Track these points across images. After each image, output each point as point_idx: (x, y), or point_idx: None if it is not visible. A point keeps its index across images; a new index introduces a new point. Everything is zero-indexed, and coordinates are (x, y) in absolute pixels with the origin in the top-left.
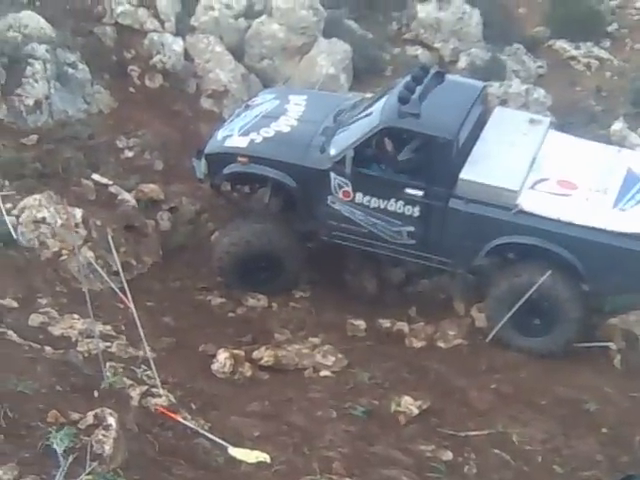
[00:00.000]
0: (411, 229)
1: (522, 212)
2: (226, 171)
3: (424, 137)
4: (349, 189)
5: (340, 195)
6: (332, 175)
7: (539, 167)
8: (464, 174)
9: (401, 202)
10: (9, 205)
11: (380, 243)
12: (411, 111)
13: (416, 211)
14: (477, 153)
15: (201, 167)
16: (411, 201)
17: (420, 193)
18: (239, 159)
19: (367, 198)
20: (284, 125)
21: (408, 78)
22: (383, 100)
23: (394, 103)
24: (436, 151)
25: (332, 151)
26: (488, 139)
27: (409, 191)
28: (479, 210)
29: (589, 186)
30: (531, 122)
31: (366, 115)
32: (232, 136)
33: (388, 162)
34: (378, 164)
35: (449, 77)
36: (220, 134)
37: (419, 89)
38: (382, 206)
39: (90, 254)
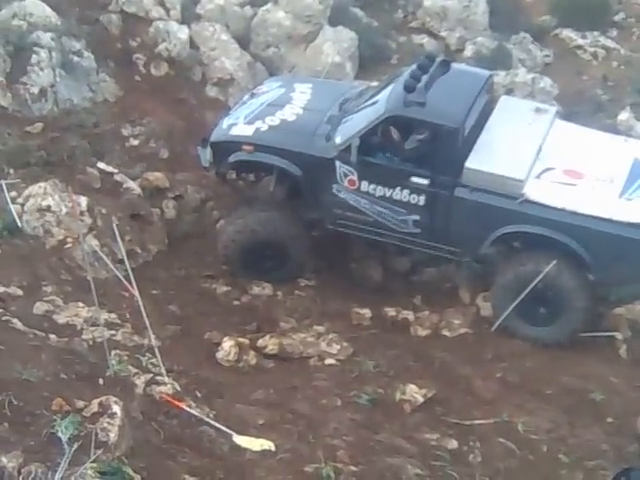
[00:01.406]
0: (417, 218)
1: (528, 201)
2: (231, 159)
3: (430, 126)
4: (354, 177)
5: (345, 183)
6: (337, 163)
7: (545, 156)
8: (470, 163)
9: (407, 191)
10: (14, 193)
11: (386, 232)
12: (417, 100)
13: (422, 200)
14: (483, 142)
15: (206, 155)
16: (417, 190)
17: (426, 182)
18: (244, 147)
19: (372, 186)
20: (290, 113)
21: (414, 67)
22: (389, 89)
23: (400, 92)
24: (442, 140)
25: (338, 139)
26: (494, 128)
27: (415, 180)
28: (485, 199)
29: (595, 176)
30: (537, 111)
31: (372, 104)
32: (237, 124)
33: (394, 151)
34: (384, 153)
35: (455, 66)
36: (225, 122)
37: (425, 78)
38: (388, 195)
39: (95, 242)
